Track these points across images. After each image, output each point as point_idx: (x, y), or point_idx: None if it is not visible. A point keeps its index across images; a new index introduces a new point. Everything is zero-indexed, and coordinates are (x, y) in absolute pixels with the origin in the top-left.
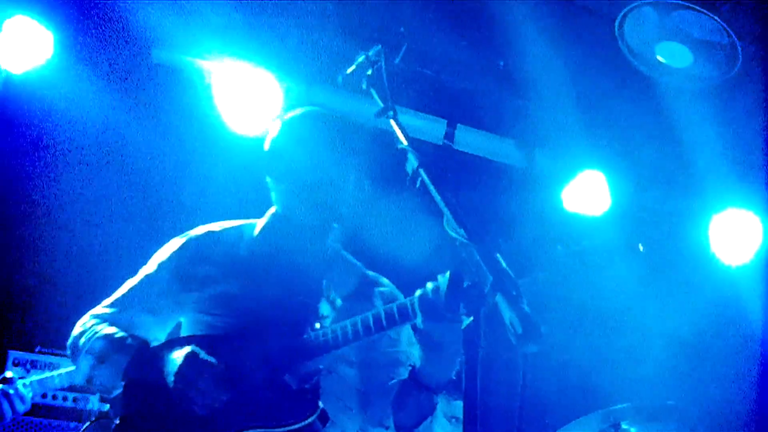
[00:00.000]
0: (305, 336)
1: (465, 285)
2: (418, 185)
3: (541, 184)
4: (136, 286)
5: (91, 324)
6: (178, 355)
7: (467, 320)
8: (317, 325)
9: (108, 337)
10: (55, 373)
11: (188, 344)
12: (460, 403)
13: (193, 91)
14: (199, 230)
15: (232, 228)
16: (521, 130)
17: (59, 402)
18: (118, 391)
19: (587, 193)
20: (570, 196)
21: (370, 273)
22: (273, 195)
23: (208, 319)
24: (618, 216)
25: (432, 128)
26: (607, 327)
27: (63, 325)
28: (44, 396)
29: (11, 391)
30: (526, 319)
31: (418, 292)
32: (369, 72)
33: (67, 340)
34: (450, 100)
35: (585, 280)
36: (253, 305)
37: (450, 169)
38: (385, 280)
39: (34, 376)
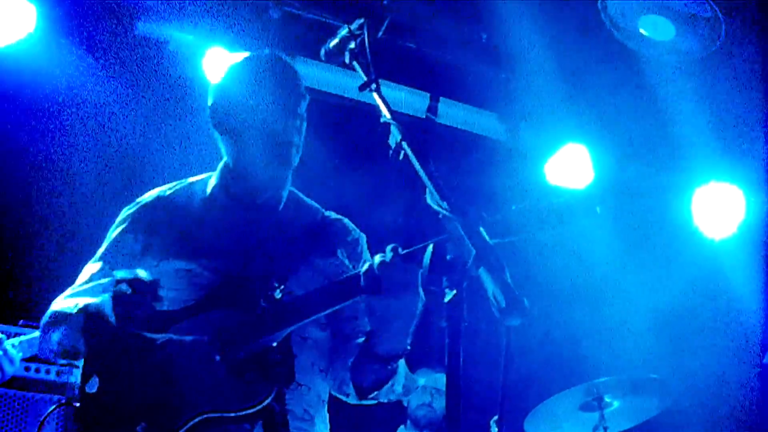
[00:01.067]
0: (260, 311)
1: (448, 258)
2: (401, 158)
3: (524, 157)
4: (95, 273)
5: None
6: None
7: (450, 294)
8: (278, 295)
9: (65, 308)
10: None
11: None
12: (442, 376)
13: (177, 64)
14: (150, 195)
15: (183, 188)
16: (504, 104)
17: (42, 375)
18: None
19: (570, 167)
20: (553, 170)
21: (329, 215)
22: (222, 148)
23: (163, 293)
24: (601, 189)
25: (415, 102)
26: (591, 301)
27: (46, 298)
28: (27, 369)
29: (0, 352)
30: (509, 292)
31: (365, 266)
32: (352, 45)
33: None
34: (433, 74)
35: (568, 252)
36: (209, 279)
37: (433, 143)
38: (346, 222)
39: (23, 337)
